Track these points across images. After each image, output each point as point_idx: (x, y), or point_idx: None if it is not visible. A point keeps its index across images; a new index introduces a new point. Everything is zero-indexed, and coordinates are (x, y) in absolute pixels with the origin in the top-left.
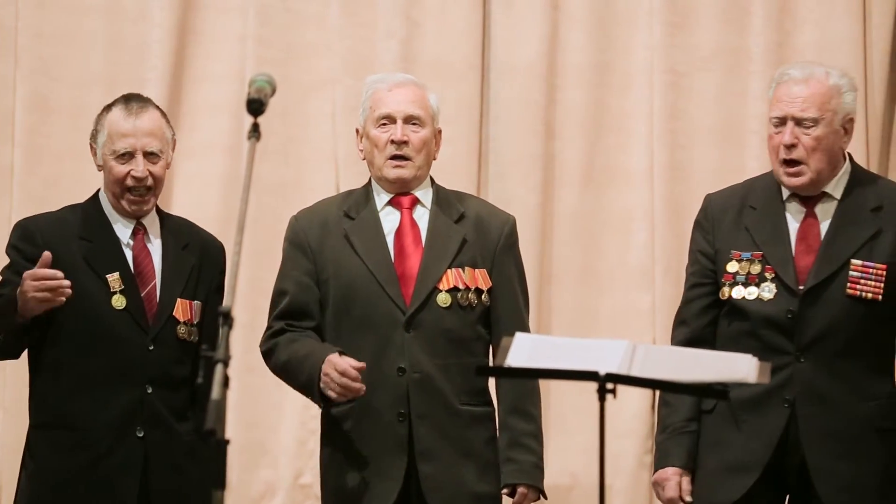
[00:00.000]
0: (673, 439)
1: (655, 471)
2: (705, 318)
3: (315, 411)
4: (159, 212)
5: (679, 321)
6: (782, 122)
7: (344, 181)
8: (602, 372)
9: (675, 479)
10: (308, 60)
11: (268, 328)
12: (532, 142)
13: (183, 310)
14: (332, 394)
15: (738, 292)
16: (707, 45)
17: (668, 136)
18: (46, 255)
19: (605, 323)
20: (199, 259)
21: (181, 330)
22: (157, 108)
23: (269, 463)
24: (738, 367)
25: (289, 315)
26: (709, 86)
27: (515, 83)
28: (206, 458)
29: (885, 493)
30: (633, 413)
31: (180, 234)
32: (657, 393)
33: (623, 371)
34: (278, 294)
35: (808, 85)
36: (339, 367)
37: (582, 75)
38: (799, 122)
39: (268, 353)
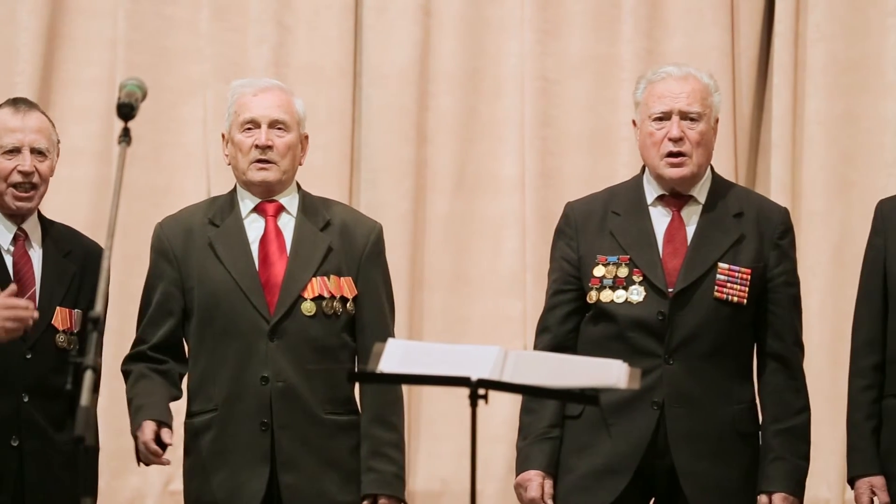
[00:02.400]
0: (535, 445)
1: (517, 475)
2: (568, 324)
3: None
4: (42, 219)
5: (542, 328)
6: (666, 116)
7: (215, 186)
8: (474, 378)
9: (537, 479)
10: (179, 65)
11: (136, 340)
12: (404, 148)
13: (62, 318)
14: (140, 454)
15: (606, 296)
16: (578, 53)
17: (539, 143)
18: (13, 286)
19: (476, 329)
20: (80, 267)
21: (60, 338)
22: (45, 113)
23: (139, 469)
24: (609, 373)
25: (154, 323)
26: (579, 93)
27: (387, 89)
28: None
29: (745, 494)
30: (504, 418)
31: (62, 241)
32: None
33: (495, 377)
34: (144, 302)
35: (689, 81)
36: (144, 439)
37: (454, 82)
38: (685, 115)
39: (124, 375)
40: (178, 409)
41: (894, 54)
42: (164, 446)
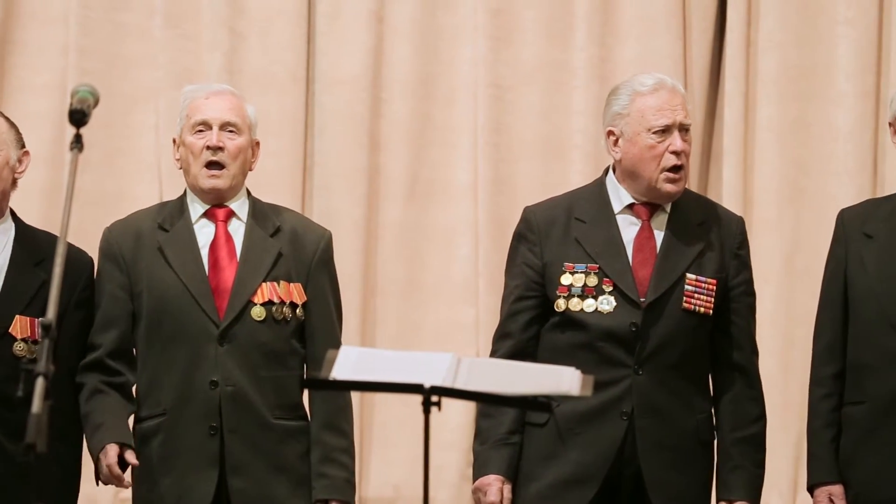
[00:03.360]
0: (494, 450)
1: (475, 479)
2: (530, 331)
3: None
4: (19, 225)
5: (502, 334)
6: (668, 130)
7: (168, 193)
8: (427, 384)
9: (496, 484)
10: (131, 72)
11: (89, 346)
12: (357, 154)
13: (22, 327)
14: (101, 477)
15: (575, 304)
16: (530, 60)
17: (493, 150)
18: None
19: (429, 336)
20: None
21: (18, 347)
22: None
23: (90, 476)
24: (561, 380)
25: (103, 328)
26: (532, 100)
27: (340, 96)
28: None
29: (702, 502)
30: (457, 425)
31: (37, 249)
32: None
33: (448, 384)
34: (95, 307)
35: (678, 93)
36: (108, 462)
37: (407, 88)
38: (683, 128)
39: (78, 388)
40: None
41: (845, 62)
42: (125, 467)
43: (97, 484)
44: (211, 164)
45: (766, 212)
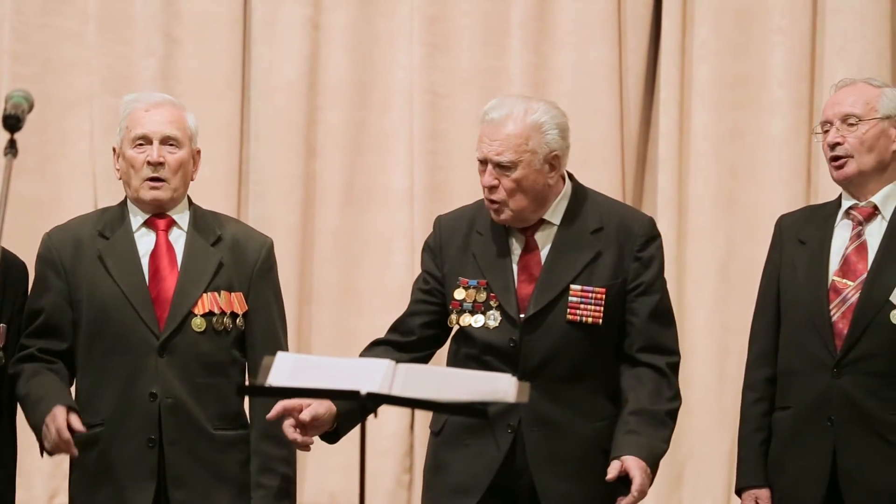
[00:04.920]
0: None
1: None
2: (428, 332)
3: None
4: None
5: (393, 326)
6: (484, 162)
7: (102, 198)
8: (363, 391)
9: None
10: (66, 77)
11: (20, 347)
12: (293, 161)
13: None
14: (47, 444)
15: (465, 320)
16: (466, 67)
17: (428, 156)
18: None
19: (364, 343)
20: (1, 281)
21: None
22: None
23: (24, 483)
24: (498, 387)
25: (40, 335)
26: (468, 107)
27: (276, 102)
28: None
29: None
30: (392, 432)
31: None
32: (415, 412)
33: (384, 391)
34: (30, 313)
35: (506, 126)
36: (58, 424)
37: (342, 95)
38: (497, 164)
39: (13, 378)
40: None
41: (779, 71)
42: (74, 433)
43: (42, 455)
44: (151, 178)
45: (701, 220)
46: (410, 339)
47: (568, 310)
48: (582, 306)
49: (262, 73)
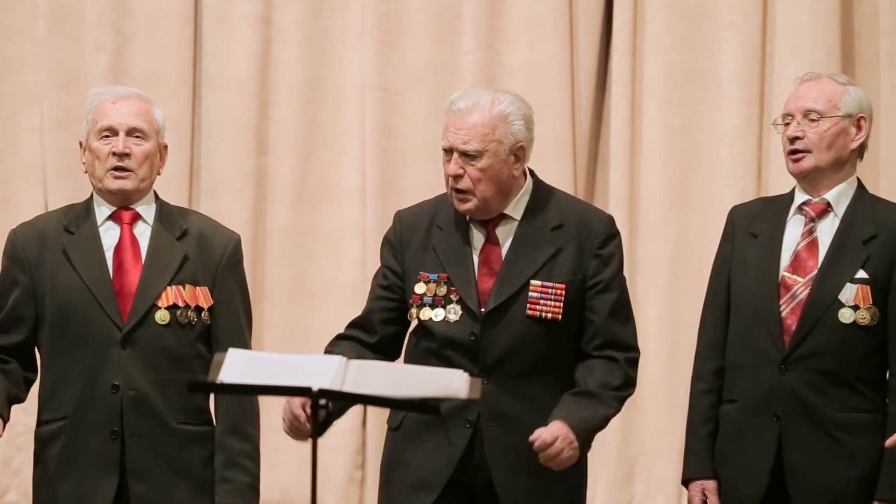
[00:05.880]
0: None
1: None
2: (389, 329)
3: (22, 429)
4: None
5: (353, 323)
6: (449, 151)
7: (52, 196)
8: (315, 388)
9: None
10: (16, 74)
11: None
12: (244, 158)
13: None
14: None
15: (426, 314)
16: (418, 63)
17: (380, 153)
18: None
19: (317, 339)
20: None
21: None
22: None
23: None
24: (450, 383)
25: (2, 332)
26: (420, 103)
27: (227, 99)
28: None
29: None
30: (344, 428)
31: None
32: (367, 408)
33: (336, 387)
34: None
35: (472, 116)
36: None
37: (294, 92)
38: (463, 153)
39: None
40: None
41: (730, 67)
42: None
43: None
44: (117, 169)
45: (652, 215)
46: (373, 336)
47: (528, 305)
48: (542, 302)
49: (213, 70)
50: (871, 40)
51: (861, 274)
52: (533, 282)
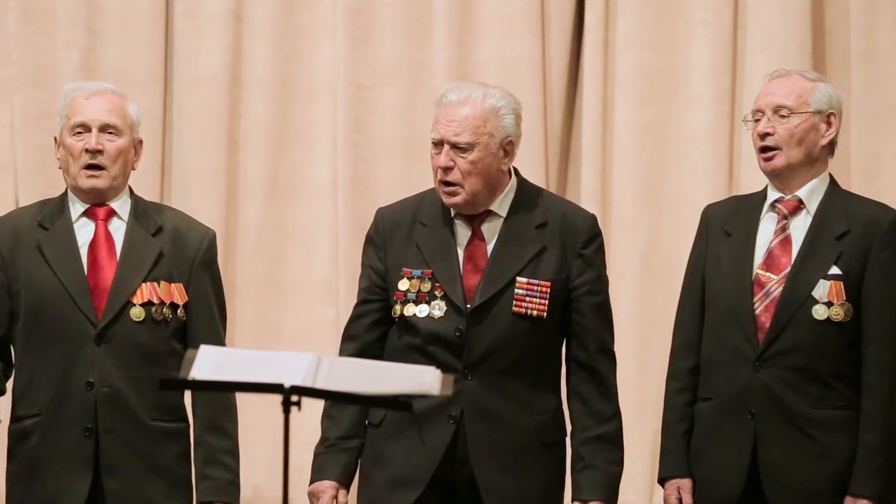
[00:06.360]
0: (331, 454)
1: (311, 483)
2: (373, 334)
3: None
4: None
5: (348, 336)
6: (440, 143)
7: (23, 192)
8: (287, 384)
9: (330, 491)
10: None
11: None
12: (216, 154)
13: None
14: None
15: (410, 310)
16: (390, 59)
17: (352, 149)
18: None
19: (288, 336)
20: None
21: None
22: None
23: None
24: (422, 380)
25: None
26: (392, 99)
27: (199, 95)
28: None
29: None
30: (316, 425)
31: None
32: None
33: (308, 383)
34: None
35: (464, 108)
36: None
37: (265, 88)
38: (454, 146)
39: None
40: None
41: (701, 64)
42: None
43: None
44: (90, 167)
45: (624, 212)
46: (357, 345)
47: (514, 302)
48: (528, 299)
49: (184, 66)
50: (843, 37)
51: (834, 270)
52: (519, 279)
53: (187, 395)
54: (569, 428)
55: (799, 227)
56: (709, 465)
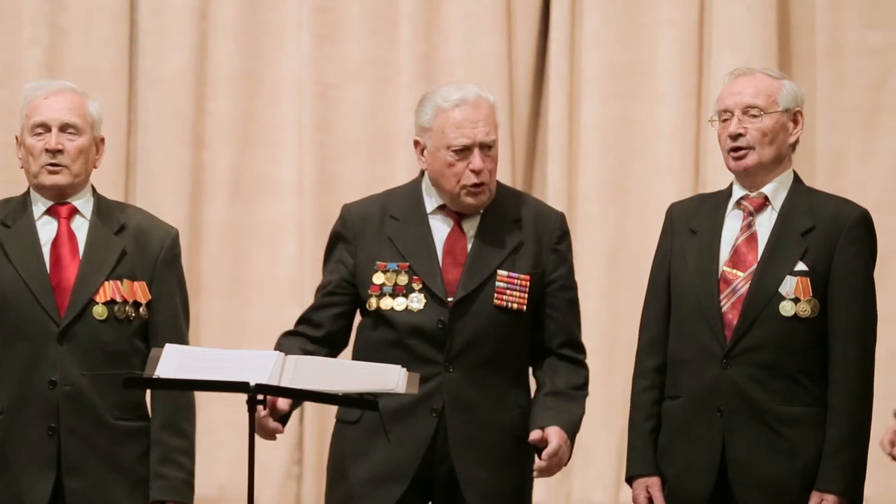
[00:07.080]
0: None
1: None
2: (338, 325)
3: None
4: None
5: (312, 323)
6: (468, 149)
7: None
8: (252, 383)
9: None
10: None
11: None
12: (181, 152)
13: None
14: None
15: (386, 303)
16: (356, 58)
17: (318, 147)
18: None
19: (254, 335)
20: None
21: None
22: None
23: None
24: (387, 378)
25: None
26: (358, 98)
27: (164, 93)
28: None
29: (519, 497)
30: None
31: None
32: (305, 404)
33: (273, 382)
34: None
35: (482, 107)
36: None
37: (231, 86)
38: (484, 146)
39: None
40: None
41: (668, 61)
42: None
43: None
44: (51, 165)
45: (590, 209)
46: (320, 331)
47: (495, 294)
48: (508, 292)
49: (149, 64)
50: (808, 35)
51: (801, 266)
52: (500, 272)
53: (149, 393)
54: None
55: (764, 224)
56: (678, 463)
